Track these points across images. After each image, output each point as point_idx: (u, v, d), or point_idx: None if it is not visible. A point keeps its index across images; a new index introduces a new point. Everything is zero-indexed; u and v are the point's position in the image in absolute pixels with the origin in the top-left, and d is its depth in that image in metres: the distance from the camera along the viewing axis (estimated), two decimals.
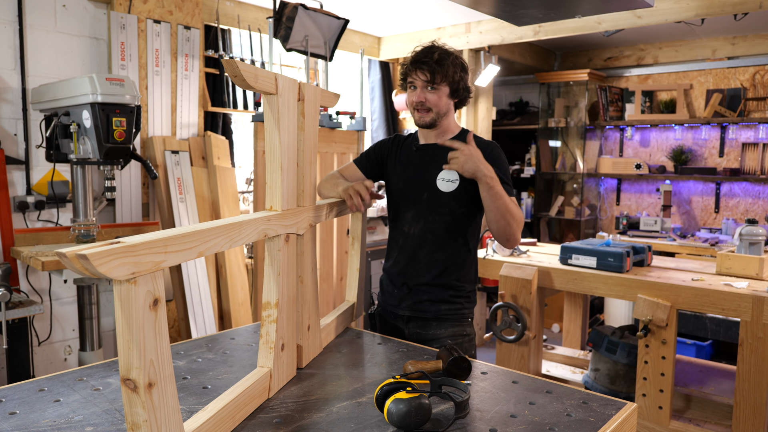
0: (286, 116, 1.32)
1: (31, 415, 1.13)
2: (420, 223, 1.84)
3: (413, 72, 1.78)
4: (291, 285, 1.35)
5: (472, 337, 1.91)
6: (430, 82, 1.76)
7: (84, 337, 2.66)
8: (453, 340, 1.84)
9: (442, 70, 1.75)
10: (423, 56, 1.77)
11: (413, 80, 1.79)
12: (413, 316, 1.87)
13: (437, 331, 1.84)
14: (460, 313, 1.87)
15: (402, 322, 1.90)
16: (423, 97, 1.78)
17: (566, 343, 3.55)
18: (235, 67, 1.12)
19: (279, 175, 1.30)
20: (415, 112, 1.82)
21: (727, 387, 2.70)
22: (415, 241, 1.85)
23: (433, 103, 1.79)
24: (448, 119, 1.86)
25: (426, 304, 1.85)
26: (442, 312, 1.84)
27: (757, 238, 2.63)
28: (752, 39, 4.60)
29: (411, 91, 1.82)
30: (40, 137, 2.79)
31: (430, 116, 1.80)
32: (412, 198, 1.86)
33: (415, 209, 1.85)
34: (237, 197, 3.50)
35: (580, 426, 1.13)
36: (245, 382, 1.19)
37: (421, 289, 1.85)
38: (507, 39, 4.23)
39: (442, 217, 1.81)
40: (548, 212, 5.56)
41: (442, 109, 1.81)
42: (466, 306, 1.88)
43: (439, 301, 1.84)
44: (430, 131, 1.87)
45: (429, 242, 1.83)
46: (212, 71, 3.60)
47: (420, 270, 1.85)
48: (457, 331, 1.85)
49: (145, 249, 0.79)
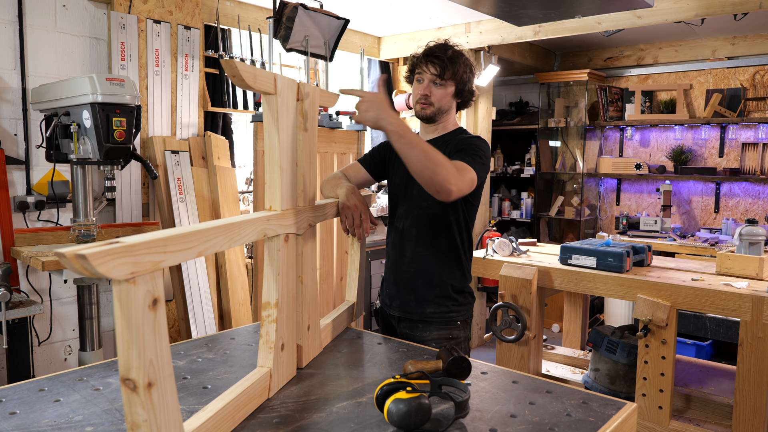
0: (285, 116, 1.32)
1: (31, 415, 1.13)
2: (408, 219, 1.85)
3: (423, 64, 1.79)
4: (291, 285, 1.35)
5: (461, 340, 1.88)
6: (439, 77, 1.77)
7: (84, 337, 2.66)
8: (438, 343, 1.81)
9: (453, 67, 1.76)
10: (437, 50, 1.78)
11: (422, 72, 1.80)
12: (402, 317, 1.89)
13: (423, 334, 1.85)
14: (447, 316, 1.85)
15: (394, 321, 1.93)
16: (428, 91, 1.79)
17: (566, 343, 3.55)
18: (234, 68, 1.12)
19: (278, 175, 1.30)
20: (417, 104, 1.84)
21: (727, 387, 2.70)
22: (404, 236, 1.87)
23: (437, 98, 1.80)
24: (448, 117, 1.87)
25: (412, 305, 1.86)
26: (427, 315, 1.84)
27: (757, 238, 2.62)
28: (752, 39, 4.60)
29: (417, 84, 1.83)
30: (40, 137, 2.79)
31: (431, 109, 1.82)
32: (403, 194, 1.87)
33: (406, 205, 1.87)
34: (237, 197, 3.50)
35: (580, 426, 1.13)
36: (245, 382, 1.19)
37: (407, 286, 1.86)
38: (507, 39, 4.23)
39: (426, 210, 1.81)
40: (548, 212, 5.56)
41: (444, 106, 1.82)
42: (453, 309, 1.85)
43: (425, 302, 1.84)
44: (428, 127, 1.89)
45: (414, 236, 1.84)
46: (212, 71, 3.60)
47: (406, 265, 1.86)
48: (443, 335, 1.84)
49: (144, 249, 0.79)
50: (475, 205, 1.87)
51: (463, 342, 1.90)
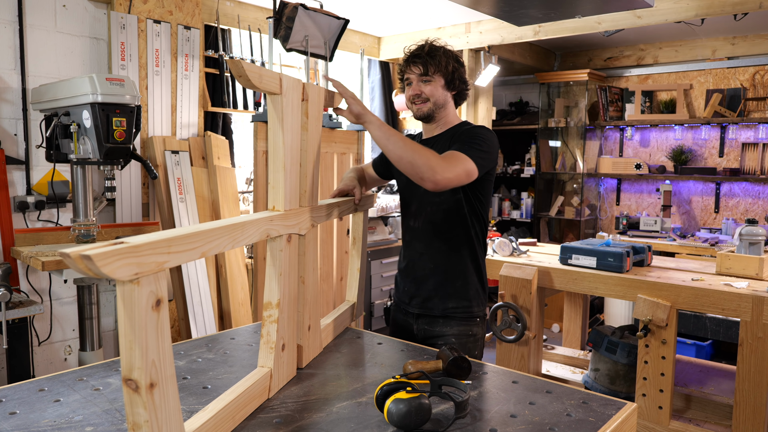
0: (290, 116, 1.32)
1: (31, 415, 1.13)
2: (422, 216, 1.88)
3: (408, 68, 1.85)
4: (292, 285, 1.35)
5: (479, 337, 1.90)
6: (424, 74, 1.82)
7: (84, 337, 2.66)
8: (458, 339, 1.84)
9: (433, 61, 1.80)
10: (416, 51, 1.84)
11: (409, 76, 1.85)
12: (422, 314, 1.90)
13: (443, 329, 1.86)
14: (469, 311, 1.87)
15: (412, 318, 1.93)
16: (418, 90, 1.83)
17: (566, 343, 3.55)
18: (241, 67, 1.12)
19: (282, 175, 1.30)
20: (413, 106, 1.87)
21: (727, 387, 2.70)
22: (419, 233, 1.89)
23: (429, 92, 1.83)
24: (447, 111, 1.88)
25: (434, 301, 1.87)
26: (449, 310, 1.86)
27: (757, 238, 2.62)
28: (752, 39, 4.60)
29: (408, 88, 1.87)
30: (40, 137, 2.79)
31: (427, 106, 1.84)
32: (413, 191, 1.89)
33: (417, 202, 1.89)
34: (237, 197, 3.50)
35: (580, 426, 1.13)
36: (246, 382, 1.19)
37: (427, 282, 1.87)
38: (507, 39, 4.23)
39: (439, 206, 1.84)
40: (548, 212, 5.56)
41: (439, 100, 1.84)
42: (474, 303, 1.87)
43: (446, 297, 1.86)
44: (430, 125, 1.91)
45: (430, 232, 1.86)
46: (212, 71, 3.60)
47: (424, 262, 1.88)
48: (463, 331, 1.86)
49: (149, 249, 0.79)
50: (485, 197, 1.87)
51: (481, 339, 1.91)
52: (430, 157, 1.57)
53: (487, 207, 1.90)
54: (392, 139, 1.58)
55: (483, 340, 1.93)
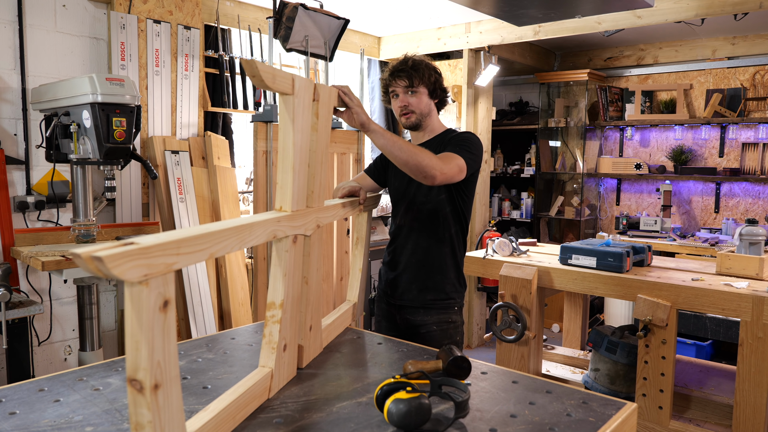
0: (301, 117, 1.31)
1: (31, 415, 1.13)
2: (409, 215, 2.04)
3: (393, 82, 2.01)
4: (296, 286, 1.34)
5: (458, 324, 2.08)
6: (410, 87, 1.98)
7: (84, 337, 2.66)
8: (438, 326, 2.02)
9: (418, 74, 1.97)
10: (400, 66, 2.00)
11: (394, 89, 2.01)
12: (404, 305, 2.06)
13: (425, 318, 2.03)
14: (447, 302, 2.04)
15: (394, 309, 2.10)
16: (406, 101, 2.00)
17: (566, 343, 3.55)
18: (255, 67, 1.11)
19: (290, 176, 1.29)
20: (402, 117, 2.04)
21: (727, 387, 2.70)
22: (405, 230, 2.06)
23: (414, 105, 2.00)
24: (432, 119, 2.07)
25: (414, 293, 2.03)
26: (428, 301, 2.03)
27: (757, 238, 2.62)
28: (752, 39, 4.60)
29: (395, 100, 2.04)
30: (40, 137, 2.79)
31: (414, 116, 2.02)
32: (402, 193, 2.07)
33: (405, 203, 2.06)
34: (237, 197, 3.50)
35: (580, 426, 1.13)
36: (246, 382, 1.18)
37: (409, 275, 2.04)
38: (507, 39, 4.23)
39: (424, 205, 2.00)
40: (548, 212, 5.56)
41: (424, 110, 2.03)
42: (451, 295, 2.05)
43: (426, 290, 2.02)
44: (417, 134, 2.10)
45: (416, 230, 2.03)
46: (212, 71, 3.60)
47: (407, 256, 2.05)
48: (443, 318, 2.04)
49: (159, 251, 0.79)
50: (468, 197, 2.04)
51: (460, 326, 2.09)
52: (431, 158, 1.75)
53: (470, 207, 2.08)
54: (397, 146, 1.72)
55: (462, 326, 2.11)
